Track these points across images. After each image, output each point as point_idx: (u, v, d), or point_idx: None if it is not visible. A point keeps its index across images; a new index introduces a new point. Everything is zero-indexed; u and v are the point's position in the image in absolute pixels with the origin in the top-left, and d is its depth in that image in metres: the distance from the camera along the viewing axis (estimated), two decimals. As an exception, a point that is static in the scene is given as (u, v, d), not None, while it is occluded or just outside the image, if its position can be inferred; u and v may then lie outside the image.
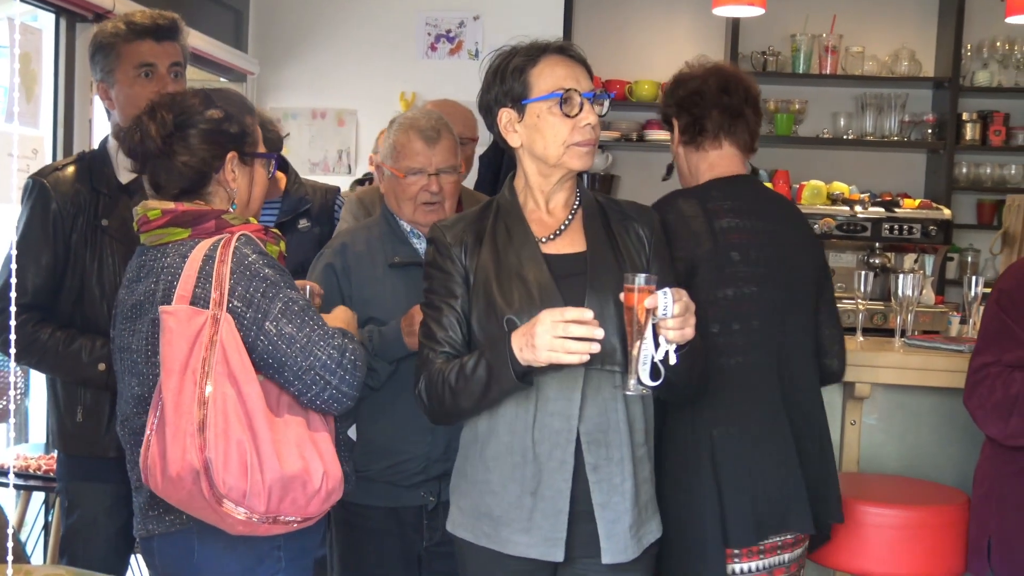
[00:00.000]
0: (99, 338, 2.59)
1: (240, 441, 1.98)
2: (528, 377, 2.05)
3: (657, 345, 1.97)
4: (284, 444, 2.03)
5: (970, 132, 6.17)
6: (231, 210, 2.20)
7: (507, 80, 2.20)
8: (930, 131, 6.25)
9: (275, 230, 2.27)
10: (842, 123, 6.36)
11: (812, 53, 6.28)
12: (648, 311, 1.94)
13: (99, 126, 4.48)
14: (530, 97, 2.18)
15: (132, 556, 2.83)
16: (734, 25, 6.19)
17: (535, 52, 2.20)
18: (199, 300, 2.06)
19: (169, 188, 2.20)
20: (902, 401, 3.43)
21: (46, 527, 3.91)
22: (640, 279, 1.96)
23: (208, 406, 1.99)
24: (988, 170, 6.30)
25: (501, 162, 6.13)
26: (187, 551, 2.15)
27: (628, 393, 2.01)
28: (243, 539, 2.10)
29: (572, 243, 2.23)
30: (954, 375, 3.19)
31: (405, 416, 2.61)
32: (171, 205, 2.16)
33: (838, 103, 6.43)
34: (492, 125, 2.26)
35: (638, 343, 1.96)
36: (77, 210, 2.66)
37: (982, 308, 3.68)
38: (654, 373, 1.97)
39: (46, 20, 4.36)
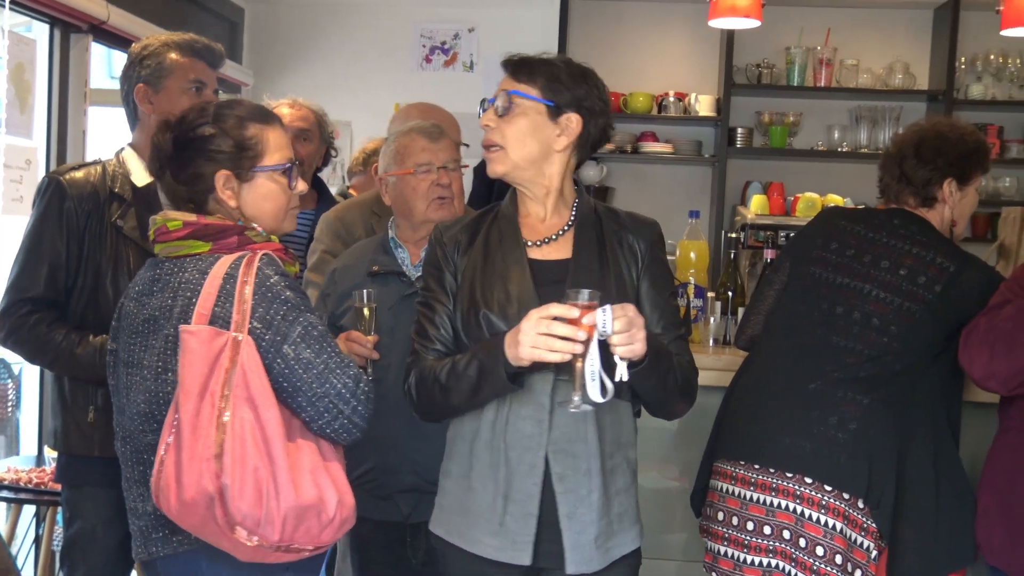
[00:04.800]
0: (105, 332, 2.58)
1: (256, 468, 1.95)
2: (520, 379, 2.07)
3: (611, 362, 1.95)
4: (299, 472, 2.00)
5: None
6: (254, 226, 2.15)
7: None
8: (925, 144, 6.21)
9: (292, 251, 2.25)
10: (837, 135, 6.36)
11: (807, 66, 6.28)
12: (591, 328, 1.92)
13: (93, 137, 4.48)
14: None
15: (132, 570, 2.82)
16: (729, 37, 6.19)
17: None
18: (218, 319, 2.02)
19: (175, 204, 2.18)
20: None
21: (36, 540, 3.88)
22: (584, 295, 1.94)
23: (226, 430, 1.95)
24: (983, 182, 6.24)
25: None
26: (194, 571, 2.11)
27: (572, 410, 1.97)
28: (252, 567, 2.06)
29: (559, 250, 2.23)
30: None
31: None
32: (193, 217, 2.12)
33: (833, 116, 6.44)
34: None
35: (582, 359, 1.94)
36: (91, 209, 2.68)
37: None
38: (604, 390, 1.95)
39: (40, 30, 4.36)
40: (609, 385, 1.95)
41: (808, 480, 2.58)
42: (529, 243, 2.24)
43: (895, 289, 2.67)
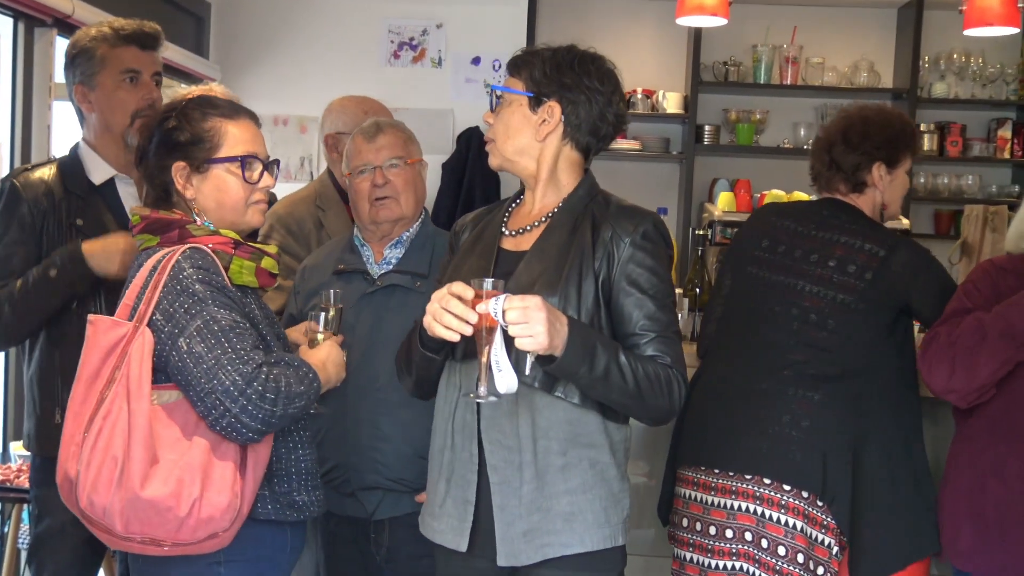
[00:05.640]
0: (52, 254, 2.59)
1: (115, 458, 1.98)
2: (443, 352, 2.17)
3: (514, 354, 1.95)
4: (165, 466, 2.00)
5: (928, 143, 6.21)
6: (196, 220, 2.17)
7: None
8: (889, 142, 6.26)
9: (258, 244, 2.23)
10: (803, 133, 6.40)
11: (773, 64, 6.31)
12: (488, 315, 1.93)
13: (58, 132, 4.41)
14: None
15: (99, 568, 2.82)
16: (696, 35, 6.21)
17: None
18: (134, 311, 2.07)
19: (150, 196, 2.23)
20: None
21: (0, 538, 3.84)
22: (487, 284, 1.95)
23: (98, 419, 2.00)
24: (945, 180, 6.35)
25: (464, 169, 6.16)
26: (150, 566, 2.16)
27: (478, 401, 1.99)
28: (179, 557, 2.08)
29: (530, 242, 2.25)
30: None
31: (322, 421, 2.62)
32: (147, 211, 2.18)
33: (799, 113, 6.48)
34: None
35: (486, 349, 1.94)
36: (48, 209, 2.65)
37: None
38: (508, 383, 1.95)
39: (3, 24, 4.29)
40: (513, 378, 1.93)
41: (767, 481, 2.60)
42: (507, 232, 2.28)
43: (827, 282, 2.69)
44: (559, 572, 2.16)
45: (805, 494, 2.59)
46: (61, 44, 4.56)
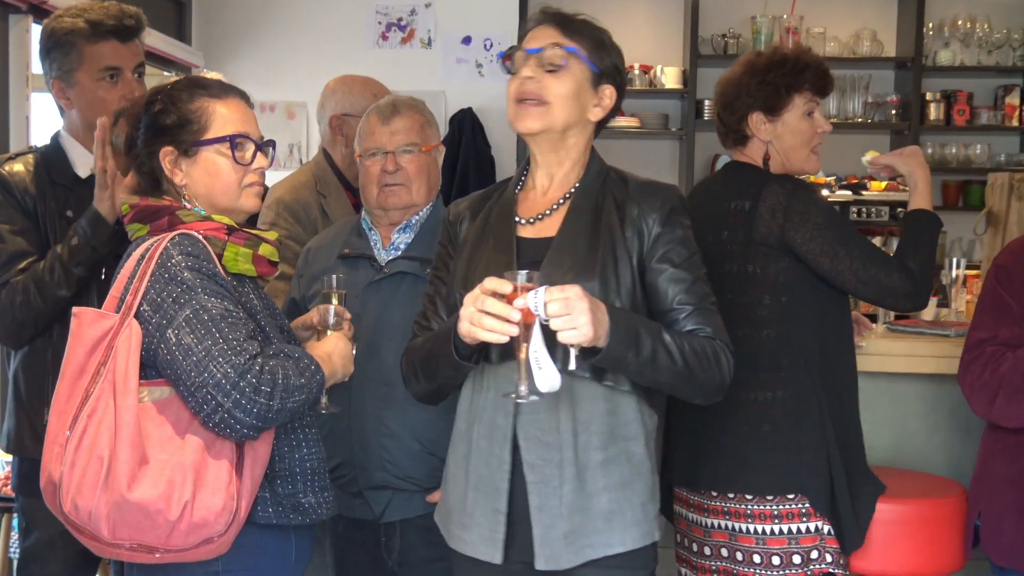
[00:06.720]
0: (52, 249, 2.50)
1: (100, 458, 1.90)
2: (475, 357, 2.01)
3: (557, 348, 1.85)
4: (155, 467, 1.91)
5: (934, 112, 6.18)
6: (187, 205, 2.09)
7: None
8: (894, 112, 6.24)
9: (255, 231, 2.14)
10: (805, 106, 6.30)
11: (773, 35, 6.25)
12: (527, 310, 1.82)
13: (37, 123, 4.33)
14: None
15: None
16: (694, 7, 6.16)
17: None
18: (122, 302, 2.00)
19: (140, 184, 2.16)
20: (885, 388, 3.33)
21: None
22: (521, 276, 1.83)
23: (82, 417, 1.93)
24: (953, 150, 6.32)
25: (458, 153, 6.07)
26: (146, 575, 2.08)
27: (520, 400, 1.87)
28: (174, 565, 2.00)
29: (551, 227, 2.13)
30: (941, 360, 3.13)
31: (326, 417, 2.49)
32: (136, 199, 2.10)
33: (800, 85, 6.37)
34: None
35: (524, 346, 1.83)
36: (37, 200, 2.56)
37: (964, 290, 3.68)
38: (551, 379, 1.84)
39: (-24, 12, 4.18)
40: (555, 375, 1.83)
41: (731, 495, 2.57)
42: (522, 220, 2.15)
43: (729, 255, 2.58)
44: (597, 572, 2.08)
45: (774, 496, 2.55)
46: (37, 31, 4.44)
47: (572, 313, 1.81)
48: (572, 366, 1.87)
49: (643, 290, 2.09)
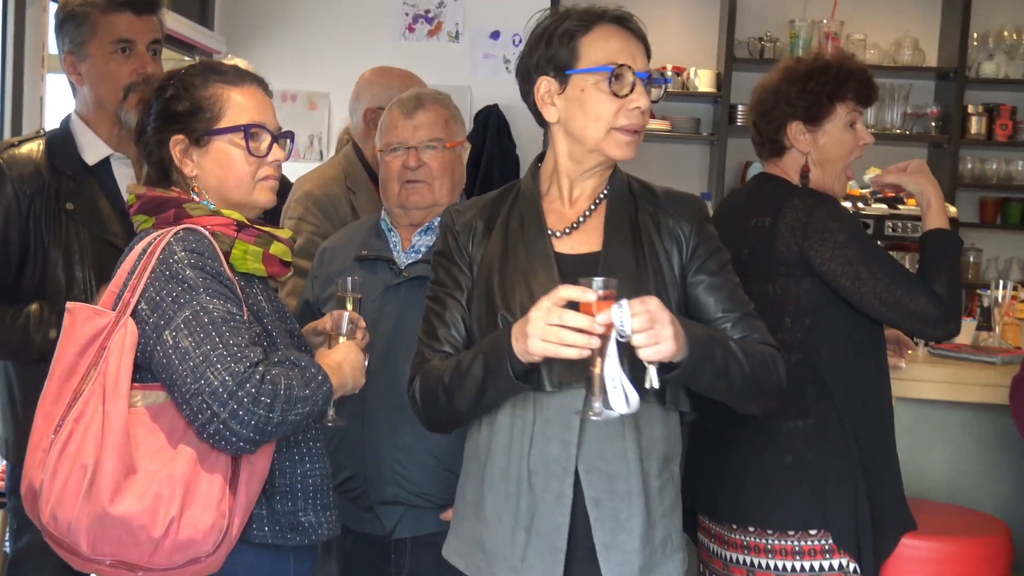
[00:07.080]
0: (51, 305, 2.46)
1: (84, 466, 1.81)
2: (531, 377, 1.86)
3: (637, 365, 1.74)
4: (143, 478, 1.82)
5: (975, 126, 6.05)
6: (195, 198, 2.01)
7: (553, 45, 1.98)
8: (933, 124, 6.12)
9: (267, 228, 2.05)
10: (843, 115, 6.20)
11: (811, 40, 6.15)
12: (608, 325, 1.70)
13: (51, 104, 4.29)
14: (576, 68, 1.97)
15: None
16: (731, 9, 6.09)
17: (589, 18, 1.98)
18: (120, 299, 1.92)
19: (149, 174, 2.09)
20: (926, 416, 3.22)
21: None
22: (597, 283, 1.71)
23: (68, 421, 1.85)
24: (994, 166, 6.20)
25: (482, 150, 5.98)
26: None
27: (593, 419, 1.75)
28: None
29: (589, 241, 2.03)
30: (987, 389, 3.01)
31: (336, 428, 2.39)
32: (143, 190, 2.04)
33: (838, 93, 6.27)
34: (528, 94, 2.05)
35: (599, 361, 1.71)
36: (35, 191, 2.51)
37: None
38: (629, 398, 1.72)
39: (-7, -8, 4.18)
40: (633, 394, 1.70)
41: (769, 531, 2.47)
42: (556, 233, 2.02)
43: (750, 274, 2.43)
44: None
45: (791, 531, 2.46)
46: (54, 10, 4.42)
47: (655, 327, 1.71)
48: (655, 384, 1.76)
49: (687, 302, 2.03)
